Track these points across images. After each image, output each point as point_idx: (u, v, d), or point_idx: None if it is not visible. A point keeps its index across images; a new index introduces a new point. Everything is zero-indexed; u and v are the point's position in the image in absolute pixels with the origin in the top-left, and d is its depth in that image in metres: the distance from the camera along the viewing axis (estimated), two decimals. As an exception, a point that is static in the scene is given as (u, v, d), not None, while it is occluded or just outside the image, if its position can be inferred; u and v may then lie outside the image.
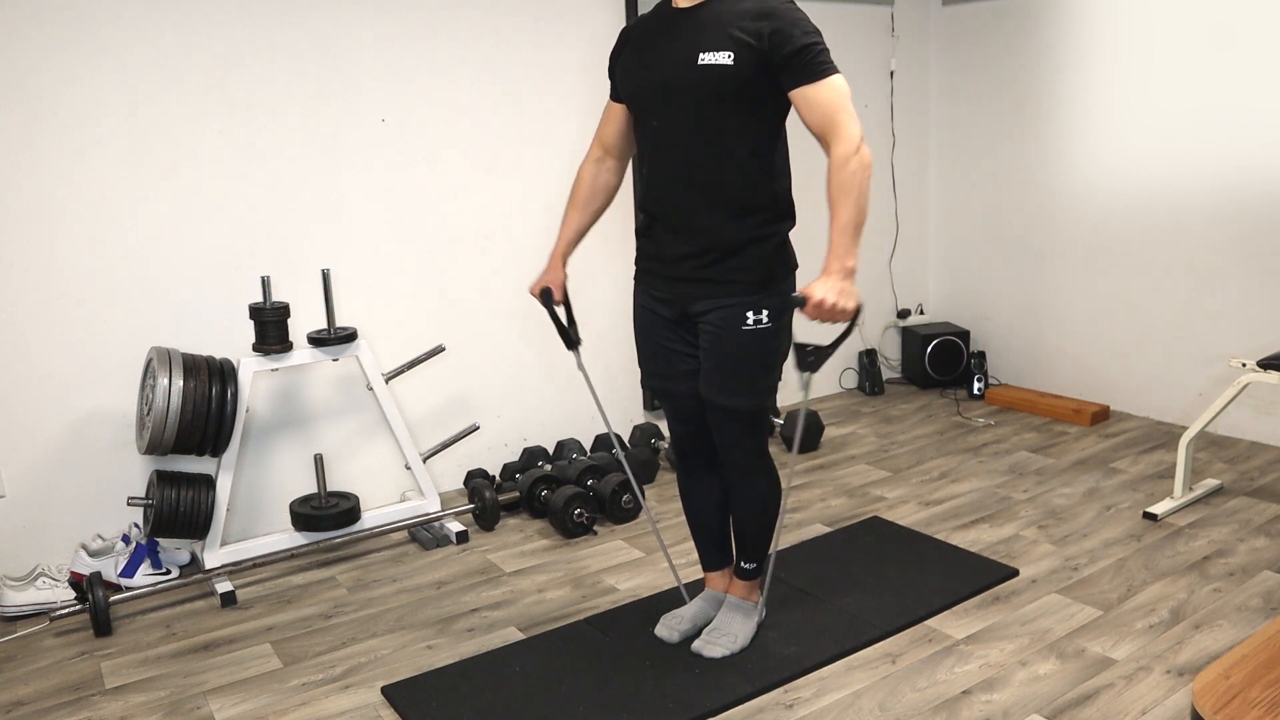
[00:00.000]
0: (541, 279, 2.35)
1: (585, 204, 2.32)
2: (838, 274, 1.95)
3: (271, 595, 2.82)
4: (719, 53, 1.98)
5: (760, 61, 1.96)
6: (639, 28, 2.17)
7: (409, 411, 3.39)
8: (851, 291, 1.95)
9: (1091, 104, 4.00)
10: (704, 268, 2.12)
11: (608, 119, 2.27)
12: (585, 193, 2.31)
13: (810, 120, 1.99)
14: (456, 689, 2.26)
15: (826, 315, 1.94)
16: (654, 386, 2.33)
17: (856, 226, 1.97)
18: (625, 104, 2.21)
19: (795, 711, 2.15)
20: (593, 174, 2.31)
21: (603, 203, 2.33)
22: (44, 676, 2.41)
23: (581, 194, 2.32)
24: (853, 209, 1.96)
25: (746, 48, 1.96)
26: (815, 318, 1.95)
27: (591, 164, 2.31)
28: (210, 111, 2.93)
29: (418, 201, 3.34)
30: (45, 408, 2.82)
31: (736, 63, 1.97)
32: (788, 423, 3.87)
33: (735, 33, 1.97)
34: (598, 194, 2.32)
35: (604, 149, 2.30)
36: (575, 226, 2.34)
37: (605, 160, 2.31)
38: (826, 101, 1.96)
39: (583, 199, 2.32)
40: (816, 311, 1.94)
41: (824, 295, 1.92)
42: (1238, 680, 1.95)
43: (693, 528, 2.46)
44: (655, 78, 2.07)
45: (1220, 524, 3.00)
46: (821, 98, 1.96)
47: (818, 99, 1.96)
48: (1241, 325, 3.68)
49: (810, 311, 1.95)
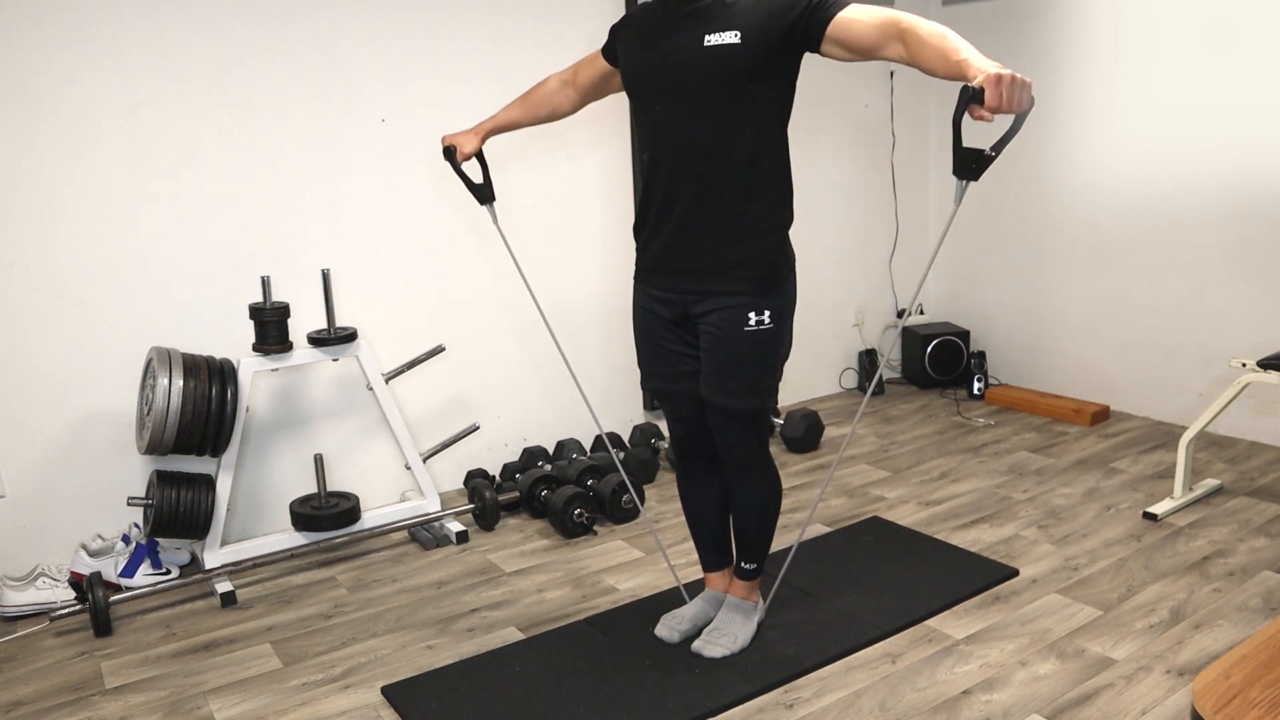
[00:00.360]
0: (453, 136, 2.44)
1: (531, 107, 2.41)
2: (993, 68, 1.65)
3: (271, 595, 2.81)
4: (726, 32, 1.96)
5: (774, 34, 1.94)
6: (644, 14, 2.16)
7: (409, 411, 3.39)
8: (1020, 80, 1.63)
9: (1091, 104, 4.00)
10: (705, 257, 2.10)
11: (589, 64, 2.32)
12: (538, 98, 2.40)
13: (863, 35, 1.87)
14: (456, 689, 2.26)
15: (1008, 94, 1.62)
16: (654, 387, 2.32)
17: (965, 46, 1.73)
18: (625, 88, 2.19)
19: (795, 711, 2.15)
20: (554, 88, 2.38)
21: (546, 115, 2.41)
22: (44, 676, 2.41)
23: (534, 97, 2.40)
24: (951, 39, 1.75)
25: (755, 25, 1.95)
26: (995, 103, 1.62)
27: (558, 80, 2.38)
28: (210, 111, 2.93)
29: (418, 201, 3.34)
30: (45, 408, 2.82)
31: (744, 41, 1.95)
32: (787, 423, 3.87)
33: (742, 12, 1.96)
34: (546, 105, 2.40)
35: (574, 79, 2.36)
36: (511, 116, 2.43)
37: (569, 87, 2.37)
38: (868, 9, 1.89)
39: (533, 102, 2.40)
40: (997, 92, 1.61)
41: (999, 70, 1.61)
42: (1238, 680, 1.95)
43: (693, 528, 2.46)
44: (659, 63, 2.06)
45: (1220, 524, 3.00)
46: (860, 11, 1.89)
47: (859, 13, 1.89)
48: (1241, 325, 3.68)
49: (990, 95, 1.62)
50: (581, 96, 2.37)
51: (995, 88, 1.61)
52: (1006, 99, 1.62)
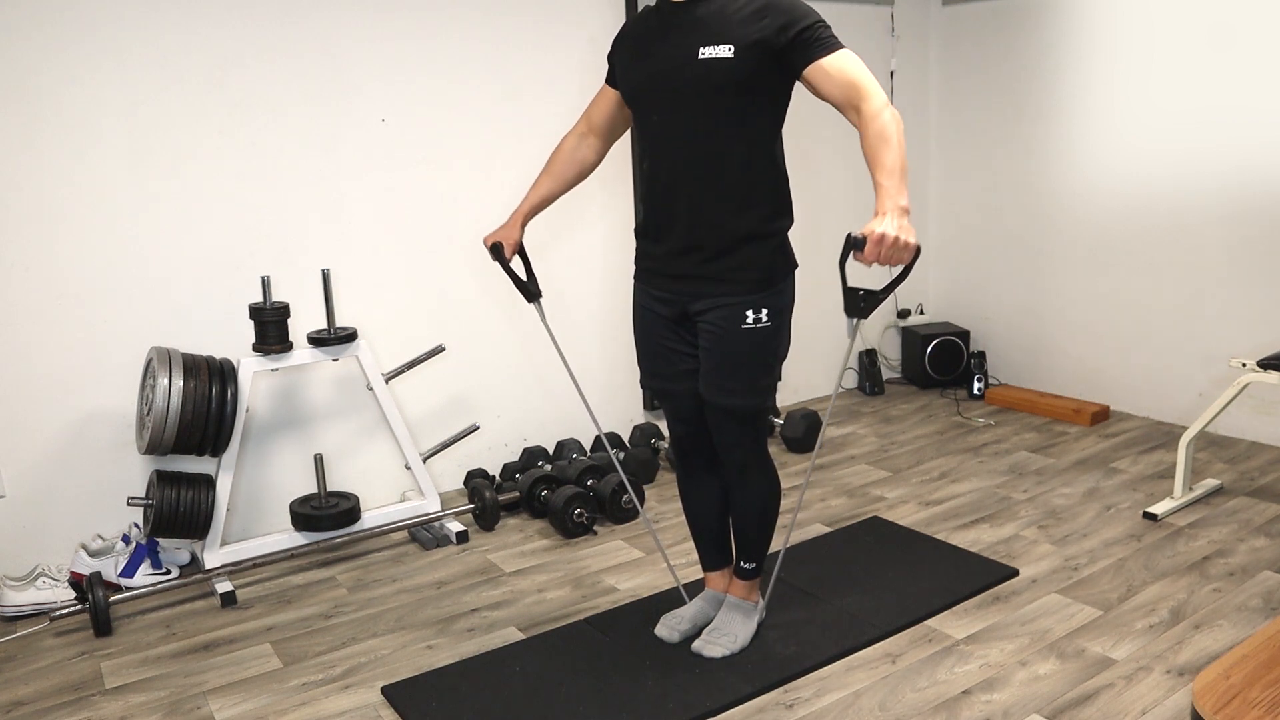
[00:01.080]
0: (496, 233, 2.37)
1: (559, 173, 2.34)
2: (894, 212, 1.81)
3: (271, 595, 2.81)
4: (719, 46, 1.97)
5: (763, 52, 1.95)
6: (638, 24, 2.17)
7: (409, 411, 3.39)
8: (910, 229, 1.80)
9: (1091, 104, 4.00)
10: (704, 265, 2.12)
11: (598, 100, 2.30)
12: (562, 162, 2.34)
13: (831, 92, 1.95)
14: (456, 689, 2.26)
15: (887, 254, 1.79)
16: (653, 386, 2.33)
17: (902, 170, 1.84)
18: (623, 99, 2.21)
19: (795, 711, 2.15)
20: (573, 146, 2.33)
21: (575, 175, 2.34)
22: (44, 676, 2.41)
23: (557, 163, 2.34)
24: (895, 154, 1.86)
25: (748, 40, 1.95)
26: (874, 258, 1.79)
27: (574, 137, 2.34)
28: (210, 111, 2.93)
29: (418, 201, 3.34)
30: (45, 408, 2.82)
31: (737, 55, 1.96)
32: (787, 423, 3.87)
33: (736, 26, 1.96)
34: (573, 165, 2.34)
35: (589, 126, 2.32)
36: (543, 192, 2.36)
37: (588, 137, 2.33)
38: (843, 69, 1.94)
39: (557, 168, 2.34)
40: (876, 250, 1.78)
41: (884, 230, 1.78)
42: (1238, 680, 1.95)
43: (692, 528, 2.46)
44: (655, 73, 2.07)
45: (1220, 524, 3.00)
46: (838, 66, 1.94)
47: (835, 68, 1.94)
48: (1241, 325, 3.68)
49: (869, 250, 1.79)
50: (602, 139, 2.33)
51: (875, 246, 1.79)
52: (884, 256, 1.80)
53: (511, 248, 2.36)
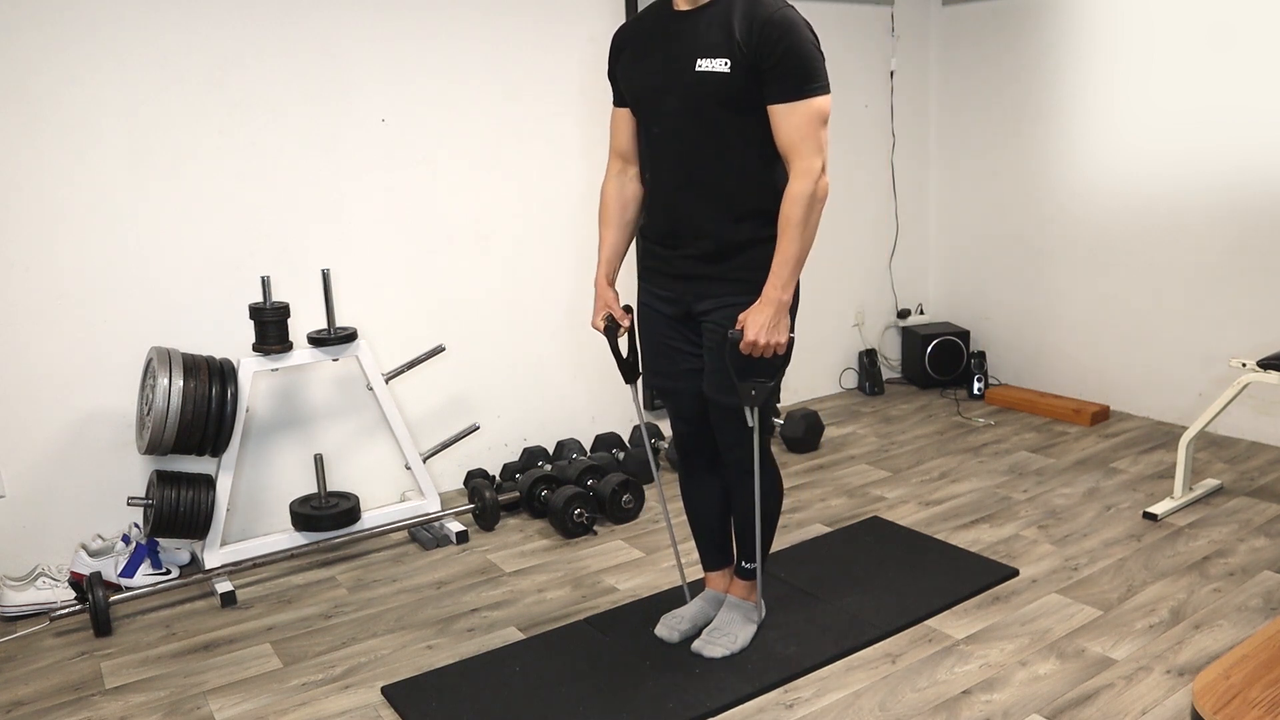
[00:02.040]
0: (598, 307, 2.27)
1: (617, 220, 2.27)
2: (771, 305, 2.02)
3: (271, 595, 2.81)
4: (716, 60, 1.97)
5: (756, 69, 1.96)
6: (635, 29, 2.17)
7: (409, 411, 3.39)
8: (783, 325, 2.04)
9: (1091, 104, 4.00)
10: (707, 265, 2.12)
11: (618, 128, 2.24)
12: (615, 208, 2.26)
13: (777, 139, 2.01)
14: (456, 689, 2.26)
15: (760, 351, 2.04)
16: (657, 385, 2.33)
17: (798, 261, 2.01)
18: (629, 108, 2.21)
19: (795, 711, 2.15)
20: (618, 187, 2.27)
21: (635, 213, 2.28)
22: (44, 676, 2.41)
23: (611, 210, 2.27)
24: (798, 244, 2.00)
25: (741, 54, 1.95)
26: (748, 353, 2.04)
27: (614, 178, 2.27)
28: (210, 111, 2.93)
29: (418, 201, 3.34)
30: (45, 408, 2.82)
31: (733, 70, 1.96)
32: (787, 423, 3.87)
33: (731, 39, 1.96)
34: (628, 206, 2.27)
35: (622, 159, 2.26)
36: (613, 244, 2.27)
37: (627, 170, 2.27)
38: (795, 127, 1.97)
39: (614, 215, 2.26)
40: (750, 348, 2.03)
41: (755, 335, 2.02)
42: (1238, 680, 1.95)
43: (694, 527, 2.46)
44: (655, 82, 2.07)
45: (1220, 524, 3.00)
46: (793, 121, 1.96)
47: (789, 121, 1.97)
48: (1241, 325, 3.68)
49: (744, 348, 2.04)
50: (637, 164, 2.27)
51: (748, 348, 2.04)
52: (759, 351, 2.05)
53: (624, 319, 2.26)
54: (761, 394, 2.08)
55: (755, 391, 2.08)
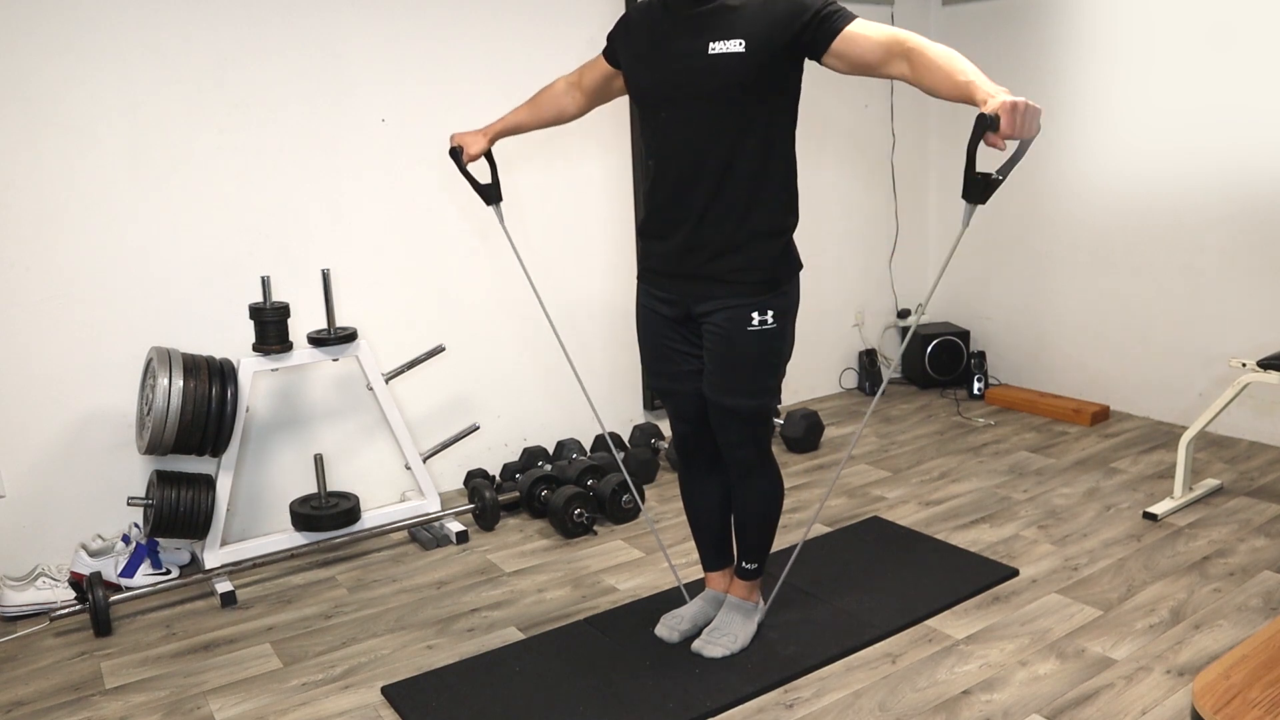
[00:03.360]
0: (461, 136, 2.41)
1: (540, 109, 2.40)
2: (1002, 91, 1.72)
3: (271, 595, 2.81)
4: (730, 41, 1.96)
5: (776, 45, 1.94)
6: (644, 15, 2.15)
7: (409, 411, 3.39)
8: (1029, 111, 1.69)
9: (1091, 104, 4.00)
10: (709, 264, 2.11)
11: (592, 66, 2.33)
12: (546, 100, 2.39)
13: (868, 52, 1.89)
14: (456, 689, 2.26)
15: (1021, 122, 1.67)
16: (658, 386, 2.33)
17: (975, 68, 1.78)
18: (630, 97, 2.20)
19: (795, 711, 2.15)
20: (562, 90, 2.38)
21: (552, 118, 2.40)
22: (44, 676, 2.41)
23: (542, 100, 2.40)
24: (969, 64, 1.79)
25: (760, 33, 1.94)
26: (1010, 130, 1.67)
27: (564, 83, 2.38)
28: (210, 111, 2.93)
29: (418, 201, 3.34)
30: (45, 408, 2.82)
31: (749, 50, 1.95)
32: (787, 423, 3.87)
33: (746, 21, 1.95)
34: (554, 108, 2.39)
35: (580, 83, 2.36)
36: (518, 119, 2.42)
37: (574, 90, 2.37)
38: (874, 28, 1.91)
39: (541, 104, 2.40)
40: (1011, 119, 1.66)
41: (1014, 99, 1.67)
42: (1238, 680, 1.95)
43: (694, 528, 2.46)
44: (664, 69, 2.06)
45: (1220, 524, 3.00)
46: (867, 28, 1.91)
47: (866, 30, 1.91)
48: (1241, 325, 3.68)
49: (1006, 122, 1.67)
50: (587, 99, 2.37)
51: (1010, 115, 1.66)
52: (1021, 126, 1.66)
53: (471, 157, 2.41)
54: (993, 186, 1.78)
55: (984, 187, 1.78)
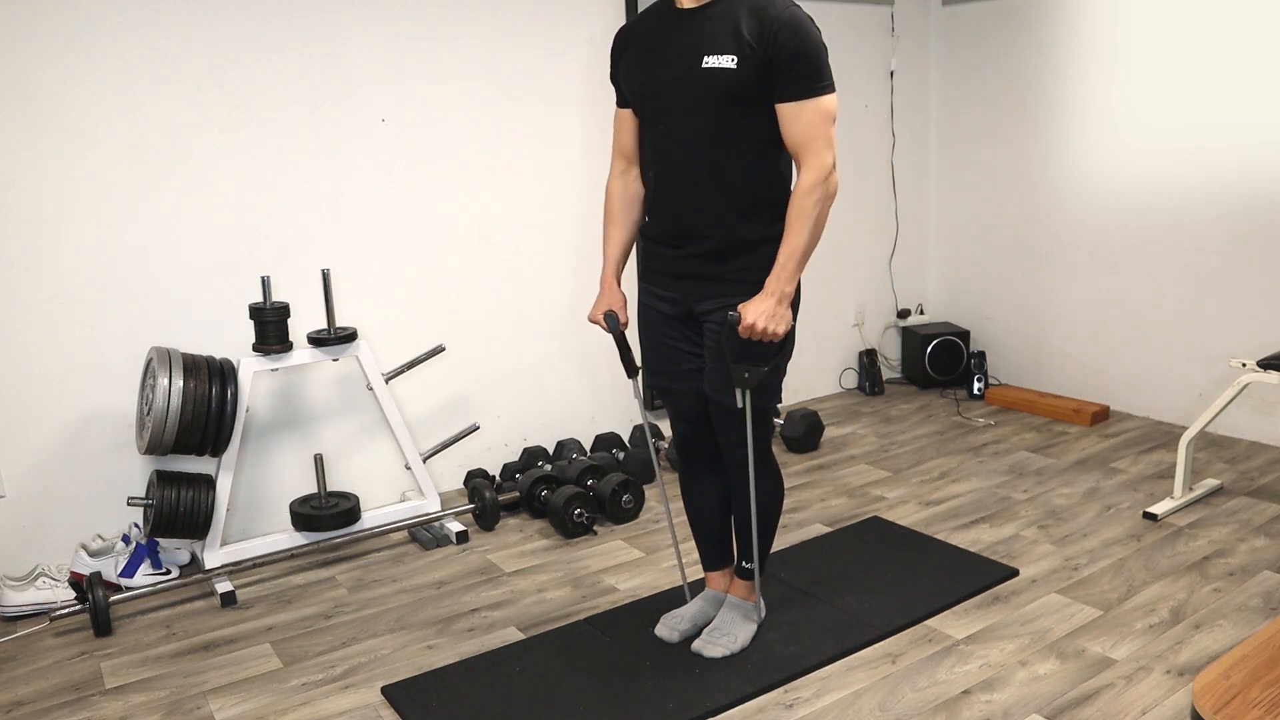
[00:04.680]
0: (600, 303, 2.30)
1: (622, 218, 2.28)
2: (773, 297, 2.02)
3: (271, 595, 2.81)
4: (722, 56, 1.97)
5: (763, 67, 1.96)
6: (639, 28, 2.16)
7: (409, 411, 3.39)
8: (784, 316, 2.03)
9: (1091, 104, 4.00)
10: (710, 265, 2.12)
11: (621, 128, 2.25)
12: (619, 207, 2.28)
13: (787, 137, 2.03)
14: (456, 689, 2.26)
15: (757, 336, 2.03)
16: (658, 386, 2.33)
17: (804, 254, 2.03)
18: (632, 108, 2.20)
19: (795, 711, 2.15)
20: (622, 187, 2.28)
21: (639, 212, 2.28)
22: (44, 676, 2.41)
23: (616, 209, 2.28)
24: (806, 237, 2.02)
25: (749, 52, 1.95)
26: (745, 336, 2.04)
27: (618, 178, 2.28)
28: (210, 111, 2.93)
29: (418, 201, 3.34)
30: (45, 408, 2.82)
31: (740, 66, 1.96)
32: (787, 423, 3.87)
33: (739, 36, 1.96)
34: (632, 205, 2.28)
35: (626, 159, 2.27)
36: (619, 243, 2.30)
37: (630, 170, 2.28)
38: (807, 124, 1.98)
39: (619, 214, 2.28)
40: (748, 332, 2.02)
41: (754, 320, 2.01)
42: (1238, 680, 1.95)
43: (694, 527, 2.46)
44: (660, 80, 2.07)
45: (1220, 524, 3.00)
46: (803, 119, 1.98)
47: (799, 119, 1.98)
48: (1241, 325, 3.68)
49: (741, 331, 2.03)
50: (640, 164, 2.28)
51: (746, 331, 2.03)
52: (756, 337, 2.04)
53: (623, 310, 2.30)
54: (755, 377, 2.09)
55: (748, 374, 2.09)
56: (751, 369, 2.09)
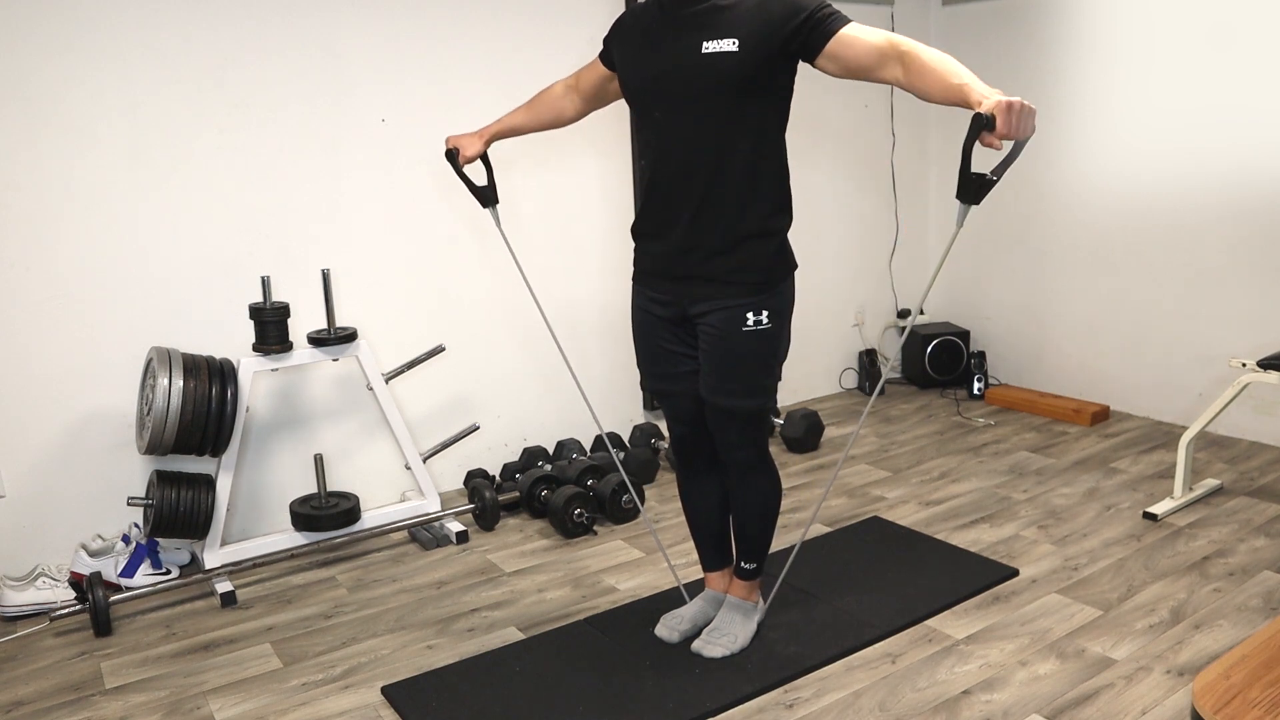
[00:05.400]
0: (458, 138, 2.43)
1: (537, 111, 2.41)
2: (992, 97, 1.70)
3: (271, 595, 2.81)
4: (723, 40, 1.96)
5: (770, 44, 1.94)
6: (639, 16, 2.16)
7: (409, 411, 3.39)
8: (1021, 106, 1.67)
9: (1091, 104, 4.00)
10: (704, 264, 2.11)
11: (589, 70, 2.33)
12: (544, 102, 2.40)
13: (861, 55, 1.90)
14: (456, 689, 2.26)
15: (1017, 121, 1.67)
16: (654, 388, 2.33)
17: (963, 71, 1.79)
18: (625, 97, 2.20)
19: (795, 711, 2.15)
20: (559, 94, 2.39)
21: (550, 120, 2.41)
22: (44, 676, 2.41)
23: (540, 102, 2.41)
24: (951, 62, 1.81)
25: (753, 32, 1.95)
26: (1006, 129, 1.68)
27: (563, 86, 2.39)
28: (210, 111, 2.93)
29: (418, 201, 3.34)
30: (45, 408, 2.82)
31: (742, 49, 1.95)
32: (787, 423, 3.87)
33: (740, 20, 1.96)
34: (552, 110, 2.40)
35: (576, 86, 2.37)
36: (515, 121, 2.44)
37: (572, 93, 2.38)
38: (868, 32, 1.93)
39: (539, 107, 2.41)
40: (1007, 118, 1.67)
41: (1009, 98, 1.67)
42: (1238, 680, 1.95)
43: (693, 528, 2.46)
44: (657, 69, 2.06)
45: (1220, 524, 3.00)
46: (862, 31, 1.93)
47: (860, 34, 1.93)
48: (1241, 325, 3.68)
49: (1002, 122, 1.67)
50: (585, 102, 2.37)
51: (1006, 115, 1.66)
52: (1016, 126, 1.67)
53: (466, 158, 2.42)
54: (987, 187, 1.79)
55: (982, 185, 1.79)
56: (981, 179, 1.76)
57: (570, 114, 2.40)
